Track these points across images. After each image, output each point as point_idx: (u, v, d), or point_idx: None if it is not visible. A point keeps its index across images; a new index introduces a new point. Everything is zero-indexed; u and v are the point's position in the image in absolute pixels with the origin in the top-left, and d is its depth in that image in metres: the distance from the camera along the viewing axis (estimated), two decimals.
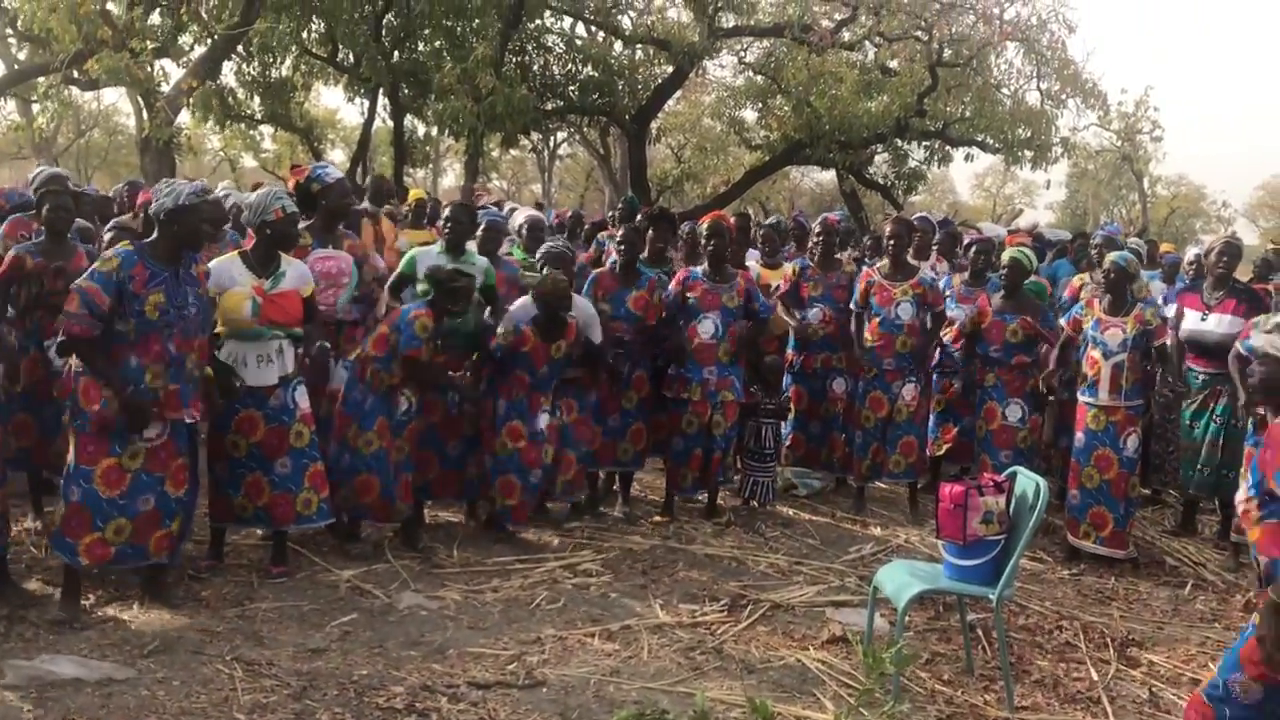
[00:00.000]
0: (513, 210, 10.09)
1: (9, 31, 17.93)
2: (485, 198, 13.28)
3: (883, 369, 7.16)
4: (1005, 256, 7.13)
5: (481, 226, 6.87)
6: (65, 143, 34.40)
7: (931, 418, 7.51)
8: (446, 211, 6.69)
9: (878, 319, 7.14)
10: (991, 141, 19.23)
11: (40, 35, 14.54)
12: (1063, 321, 6.99)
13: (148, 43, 14.80)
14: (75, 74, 15.73)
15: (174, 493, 4.90)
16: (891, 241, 7.22)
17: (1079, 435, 6.67)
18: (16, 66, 19.30)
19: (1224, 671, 3.37)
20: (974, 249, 7.72)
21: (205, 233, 4.73)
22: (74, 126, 33.74)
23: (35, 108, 22.92)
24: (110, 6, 14.40)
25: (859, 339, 7.22)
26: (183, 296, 4.78)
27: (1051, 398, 6.99)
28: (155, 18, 16.03)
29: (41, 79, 17.05)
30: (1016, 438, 6.94)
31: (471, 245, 6.63)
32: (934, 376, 7.54)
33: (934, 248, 8.97)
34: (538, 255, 6.93)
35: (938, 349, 7.46)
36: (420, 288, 6.15)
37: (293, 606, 5.12)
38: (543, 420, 6.28)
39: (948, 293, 7.50)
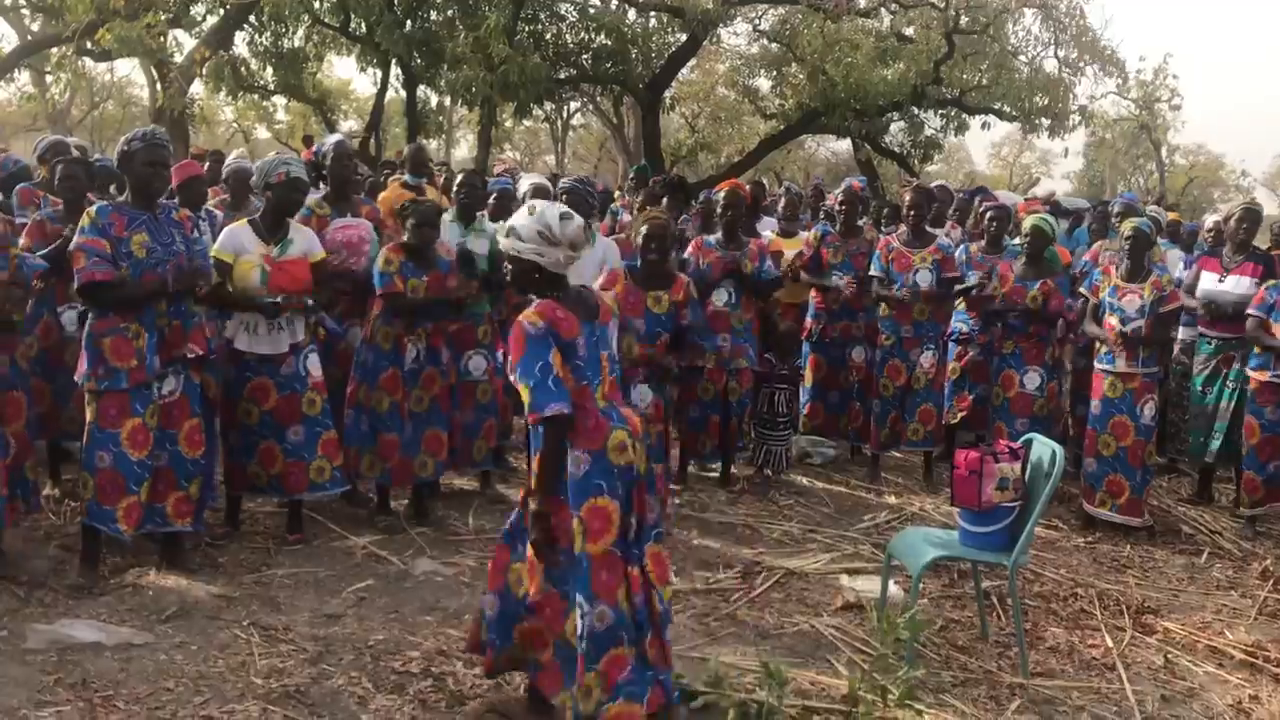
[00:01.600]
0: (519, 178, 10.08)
1: (22, 2, 17.91)
2: (502, 168, 13.23)
3: (900, 336, 7.13)
4: (1026, 224, 7.07)
5: (493, 194, 6.90)
6: (79, 114, 34.43)
7: (947, 385, 7.49)
8: (458, 179, 6.68)
9: (896, 285, 7.11)
10: (1008, 110, 19.06)
11: (53, 5, 14.52)
12: (1083, 289, 6.95)
13: (160, 13, 14.79)
14: (88, 44, 15.72)
15: (189, 454, 4.92)
16: (911, 210, 7.19)
17: (1095, 403, 6.65)
18: (30, 37, 19.29)
19: None
20: (989, 215, 7.66)
21: (150, 173, 4.78)
22: (87, 98, 33.75)
23: (49, 79, 22.96)
24: None
25: (887, 298, 7.16)
26: (168, 235, 4.84)
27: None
28: None
29: (54, 50, 17.07)
30: (1034, 406, 6.91)
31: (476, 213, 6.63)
32: (949, 344, 7.50)
33: (952, 215, 8.92)
34: (560, 190, 6.90)
35: (952, 311, 7.43)
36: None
37: (309, 573, 5.15)
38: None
39: (963, 259, 7.45)
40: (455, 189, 6.59)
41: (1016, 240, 7.41)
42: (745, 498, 6.80)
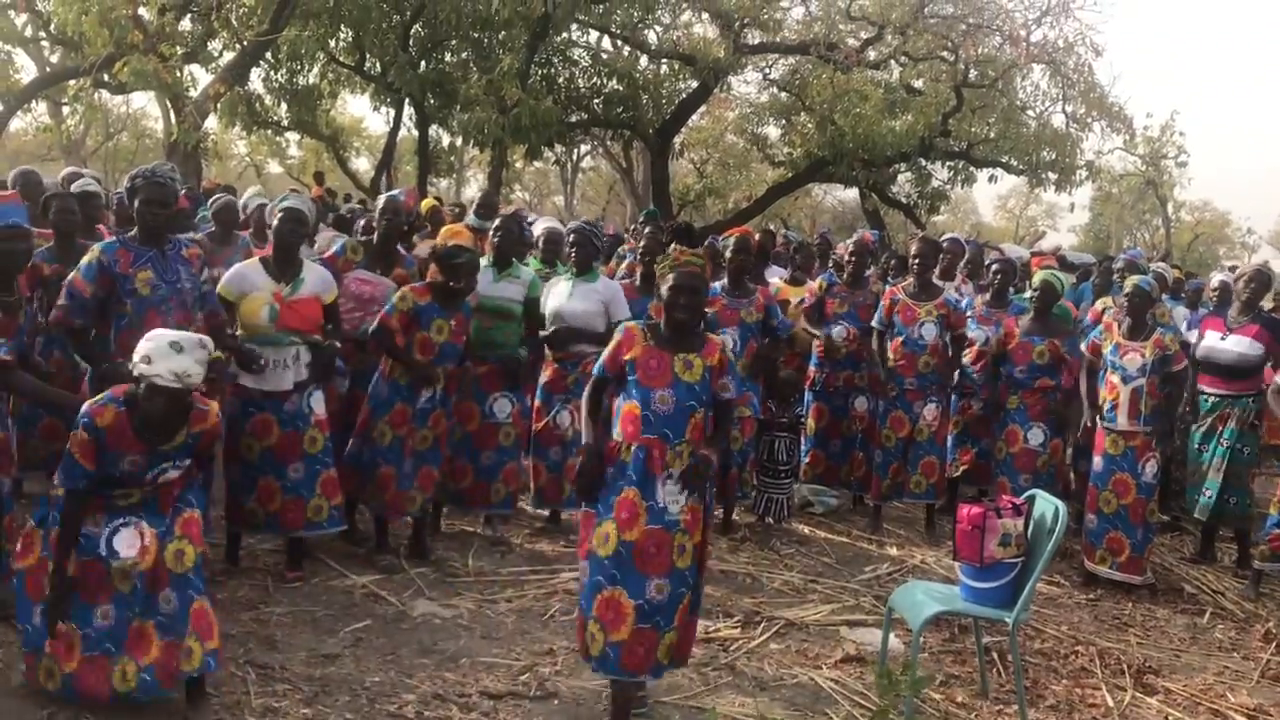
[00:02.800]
0: (532, 221, 10.13)
1: (42, 35, 18.13)
2: (506, 209, 13.31)
3: (904, 388, 7.13)
4: (1036, 279, 7.09)
5: (543, 238, 6.96)
6: (94, 145, 34.71)
7: (949, 439, 7.48)
8: (496, 223, 6.61)
9: (901, 338, 7.12)
10: (1016, 163, 19.19)
11: (72, 38, 14.70)
12: (1083, 346, 6.96)
13: (177, 48, 14.95)
14: (105, 77, 15.88)
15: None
16: (917, 261, 7.21)
17: (1097, 460, 6.64)
18: (48, 69, 19.51)
19: None
20: (994, 269, 7.68)
21: (147, 211, 4.82)
22: (103, 130, 34.02)
23: (65, 110, 23.18)
24: (141, 11, 14.53)
25: (881, 357, 7.19)
26: (174, 273, 4.87)
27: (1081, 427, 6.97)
28: (185, 23, 16.18)
29: (72, 82, 17.24)
30: (1037, 461, 6.90)
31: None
32: (953, 397, 7.51)
33: (964, 268, 8.95)
34: (568, 231, 6.94)
35: (957, 370, 7.43)
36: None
37: (306, 612, 5.13)
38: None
39: (969, 313, 7.47)
40: (492, 233, 6.55)
41: (1026, 294, 7.43)
42: (746, 546, 6.77)
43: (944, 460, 7.35)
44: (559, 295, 6.49)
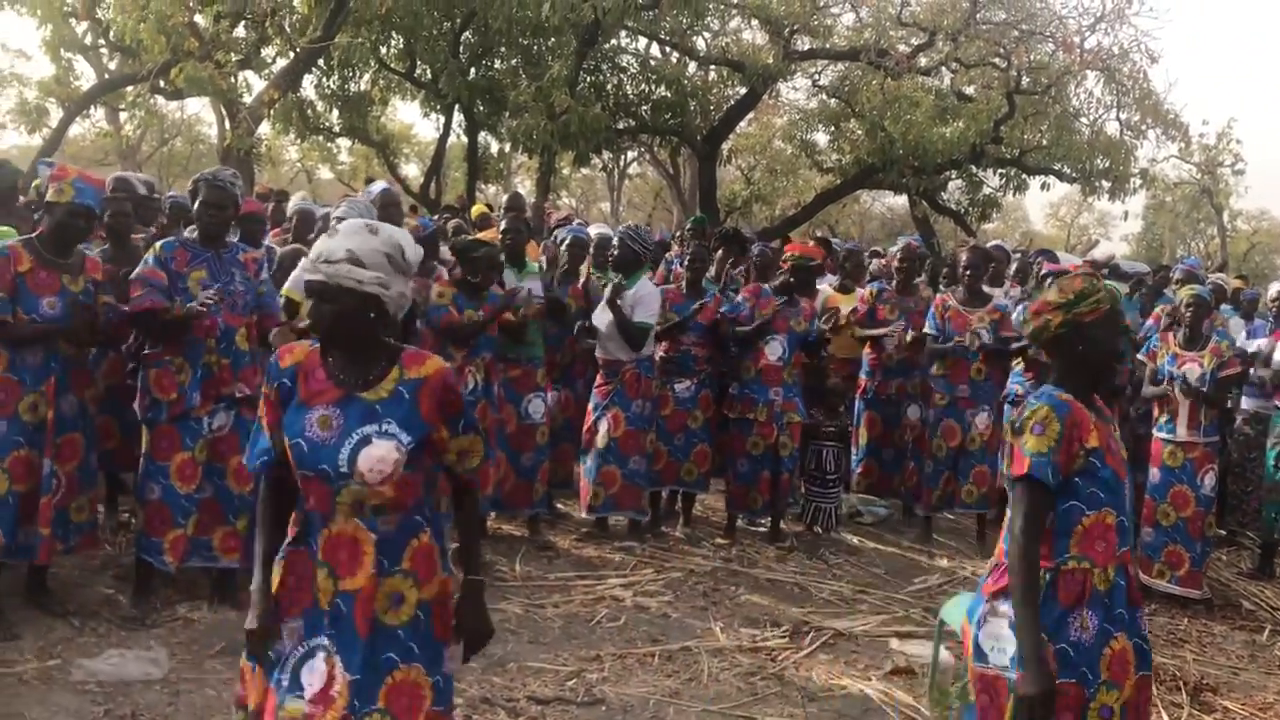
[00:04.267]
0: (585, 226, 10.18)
1: (101, 42, 18.42)
2: (555, 215, 13.36)
3: (955, 397, 7.06)
4: None
5: (564, 243, 7.01)
6: (149, 151, 35.25)
7: (1001, 447, 7.39)
8: (502, 223, 6.78)
9: (953, 344, 7.05)
10: (1069, 171, 18.92)
11: (130, 46, 14.91)
12: (1140, 354, 6.86)
13: (232, 55, 15.13)
14: (161, 84, 16.11)
15: (237, 489, 4.97)
16: (968, 270, 7.14)
17: (1154, 471, 6.53)
18: (107, 76, 19.81)
19: None
20: (1049, 281, 7.57)
21: (206, 213, 4.95)
22: (158, 135, 34.53)
23: (123, 116, 23.55)
24: (197, 19, 14.74)
25: (940, 354, 7.10)
26: (228, 275, 4.95)
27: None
28: (240, 30, 16.37)
29: (130, 88, 17.51)
30: None
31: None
32: (1004, 405, 7.41)
33: (1014, 275, 8.87)
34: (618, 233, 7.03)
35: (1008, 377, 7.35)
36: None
37: None
38: None
39: (1019, 319, 7.37)
40: (501, 233, 6.67)
41: None
42: (794, 555, 6.73)
43: (996, 470, 7.26)
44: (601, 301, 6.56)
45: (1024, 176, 19.69)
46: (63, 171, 4.73)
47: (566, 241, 7.06)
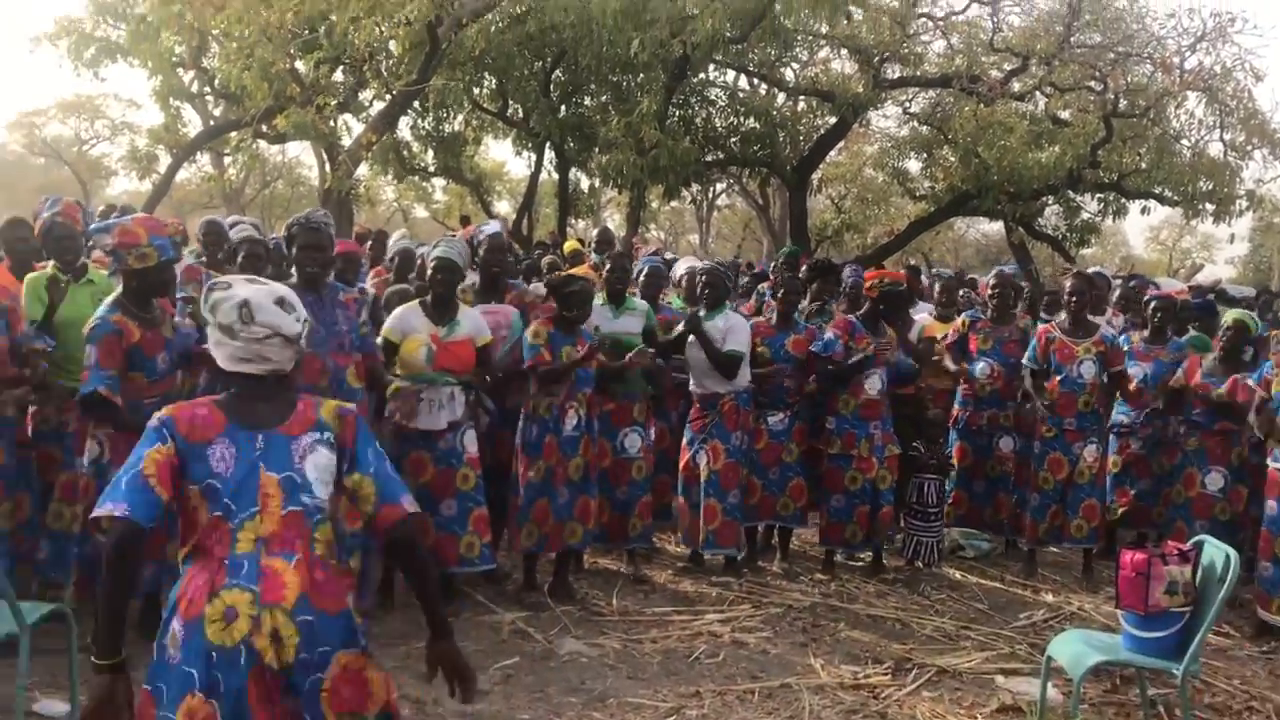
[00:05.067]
0: (674, 260, 10.23)
1: (207, 90, 19.12)
2: (644, 249, 13.44)
3: (1063, 429, 6.90)
4: (1229, 317, 6.79)
5: (642, 272, 7.04)
6: (252, 193, 36.39)
7: (1107, 479, 7.20)
8: (608, 261, 6.80)
9: (1059, 377, 6.90)
10: (1170, 194, 18.46)
11: (235, 93, 15.45)
12: (1251, 381, 6.63)
13: (331, 99, 15.60)
14: (264, 128, 16.67)
15: (350, 526, 5.05)
16: (1073, 298, 6.99)
17: (1271, 503, 6.28)
18: (212, 122, 20.55)
19: None
20: (1153, 306, 7.40)
21: (303, 258, 5.07)
22: (260, 178, 35.65)
23: (227, 160, 24.37)
24: (298, 65, 15.24)
25: (1038, 396, 6.98)
26: (332, 317, 5.04)
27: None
28: (338, 75, 16.89)
29: (234, 134, 18.14)
30: (1214, 508, 6.58)
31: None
32: (1110, 437, 7.24)
33: (1116, 303, 8.68)
34: (699, 272, 7.03)
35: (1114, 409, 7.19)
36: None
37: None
38: None
39: (1126, 349, 7.20)
40: (607, 272, 6.70)
41: (1191, 334, 7.16)
42: (895, 590, 6.63)
43: (1105, 503, 7.08)
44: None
45: (1123, 201, 19.27)
46: (131, 236, 4.60)
47: (644, 272, 7.10)
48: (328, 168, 16.87)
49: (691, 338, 6.50)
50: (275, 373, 2.78)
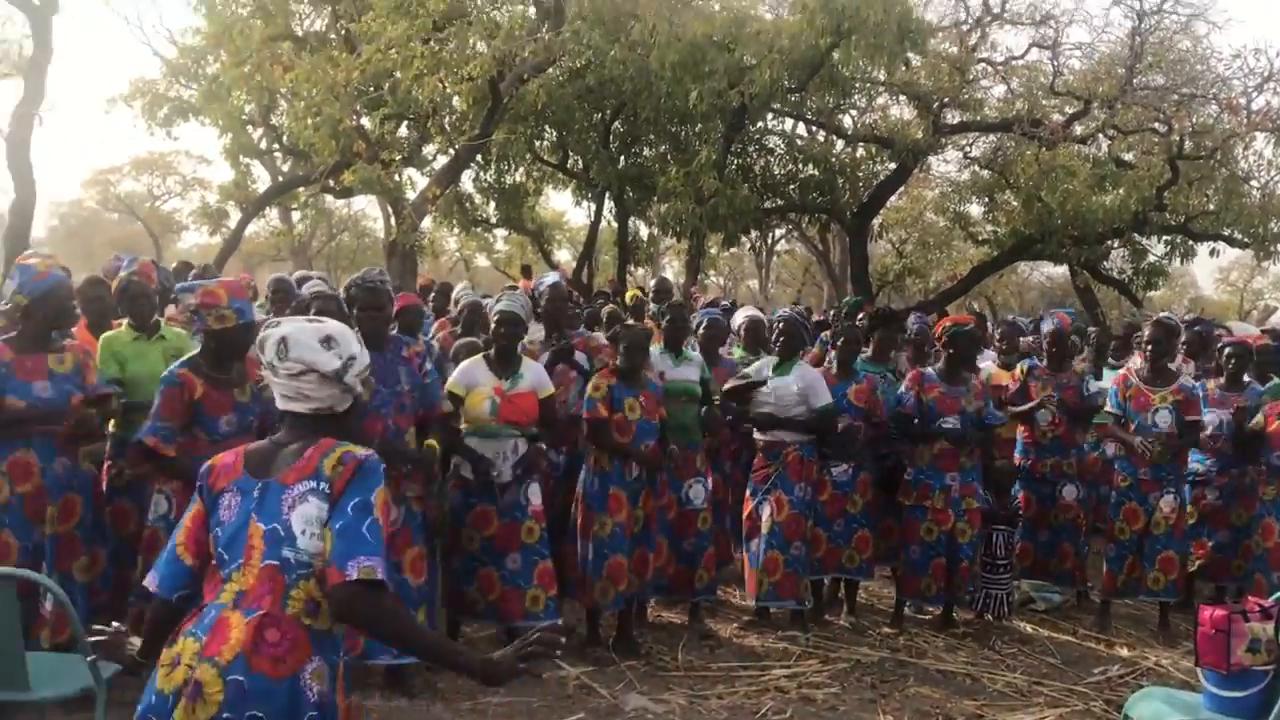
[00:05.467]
0: (729, 306, 10.24)
1: (276, 147, 19.60)
2: (702, 298, 13.47)
3: (1138, 478, 6.75)
4: None
5: (701, 325, 7.06)
6: (318, 246, 37.08)
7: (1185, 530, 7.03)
8: (667, 310, 6.83)
9: (1133, 425, 6.77)
10: (1239, 236, 18.12)
11: (303, 149, 15.82)
12: None
13: (396, 154, 15.93)
14: (331, 184, 17.04)
15: (414, 580, 5.09)
16: (1150, 346, 6.86)
17: None
18: (280, 178, 21.05)
19: None
20: (1228, 352, 7.24)
21: (364, 317, 5.09)
22: (326, 231, 36.33)
23: (295, 215, 24.89)
24: (364, 122, 15.58)
25: (1125, 442, 6.83)
26: (395, 375, 5.06)
27: None
28: (403, 130, 17.24)
29: (302, 189, 18.58)
30: None
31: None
32: (1186, 486, 7.07)
33: (1181, 348, 8.49)
34: (776, 320, 6.99)
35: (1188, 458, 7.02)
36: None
37: (523, 702, 5.20)
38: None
39: (1201, 395, 7.05)
40: (666, 321, 6.72)
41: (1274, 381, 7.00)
42: (965, 644, 6.51)
43: (1185, 555, 6.88)
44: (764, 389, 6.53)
45: (1191, 243, 18.94)
46: (213, 297, 4.66)
47: (703, 325, 7.11)
48: (393, 221, 17.17)
49: (768, 389, 6.46)
50: (321, 412, 2.73)
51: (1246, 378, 7.16)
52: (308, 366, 2.69)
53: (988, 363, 8.08)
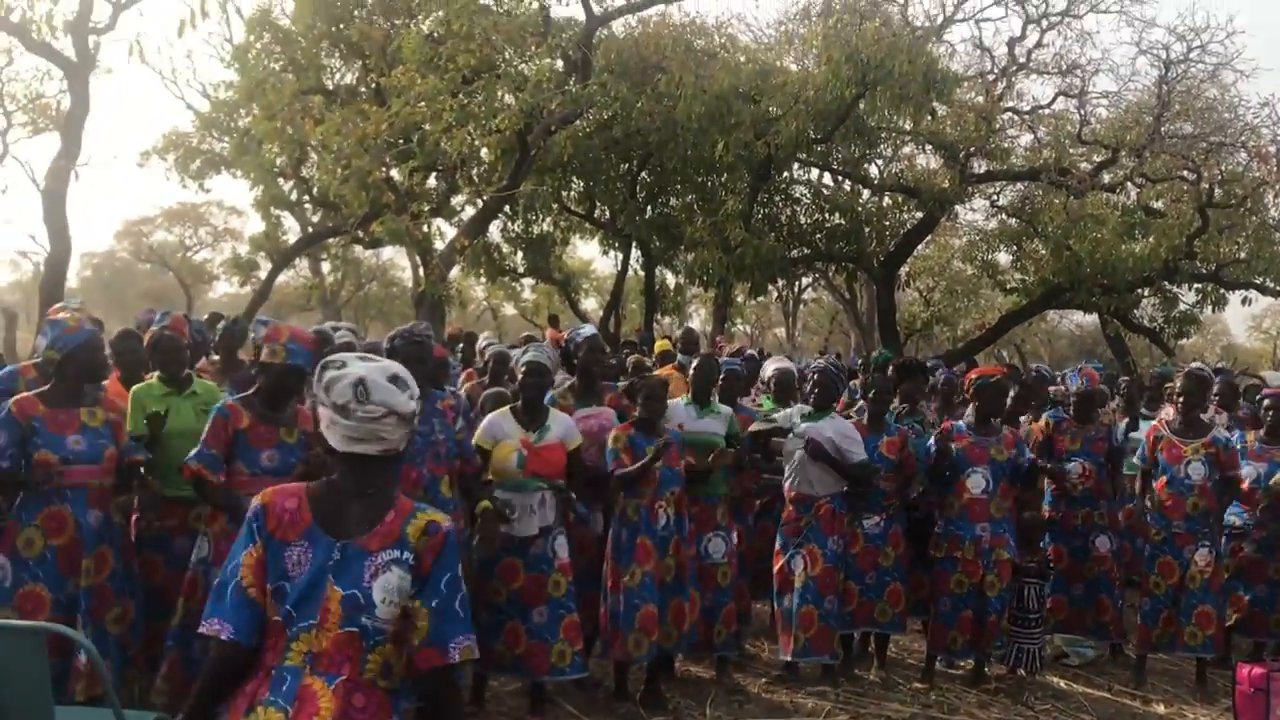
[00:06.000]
0: (752, 357, 10.20)
1: (306, 199, 19.85)
2: (728, 348, 13.47)
3: (1172, 532, 6.65)
4: None
5: (720, 376, 7.03)
6: (347, 295, 37.41)
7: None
8: (695, 362, 6.80)
9: (1165, 478, 6.68)
10: (1271, 284, 18.02)
11: (333, 201, 16.02)
12: None
13: (424, 205, 16.09)
14: (360, 234, 17.22)
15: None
16: (1182, 397, 6.79)
17: None
18: (310, 229, 21.28)
19: None
20: (1268, 404, 7.14)
21: (413, 371, 5.07)
22: (355, 281, 36.67)
23: (324, 266, 25.15)
24: (393, 173, 15.77)
25: (1147, 497, 6.75)
26: (428, 425, 5.09)
27: None
28: (431, 181, 17.43)
29: (331, 240, 18.77)
30: None
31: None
32: (1223, 539, 6.96)
33: (1213, 398, 8.41)
34: (811, 371, 6.95)
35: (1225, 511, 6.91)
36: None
37: None
38: None
39: (1240, 447, 6.94)
40: (693, 372, 6.70)
41: None
42: (998, 700, 6.40)
43: (1221, 609, 6.75)
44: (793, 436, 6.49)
45: (1222, 291, 18.83)
46: (276, 332, 4.92)
47: (721, 375, 7.07)
48: (421, 271, 17.31)
49: (798, 432, 6.43)
50: (390, 453, 2.69)
51: None
52: (390, 409, 2.65)
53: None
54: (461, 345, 11.09)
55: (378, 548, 2.59)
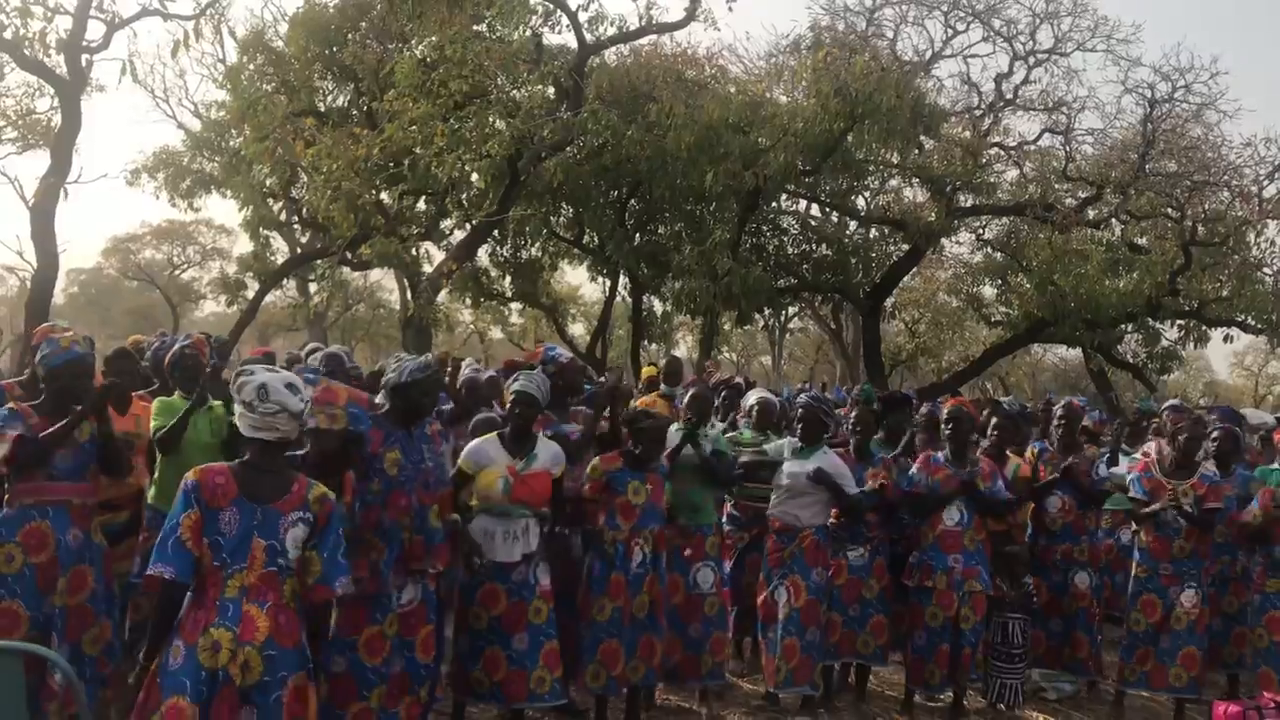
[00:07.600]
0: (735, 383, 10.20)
1: (295, 219, 19.81)
2: (716, 374, 13.48)
3: (1158, 571, 6.66)
4: None
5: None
6: (334, 316, 37.35)
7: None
8: (689, 393, 6.80)
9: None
10: (1253, 322, 18.15)
11: (322, 222, 15.99)
12: None
13: (414, 228, 16.10)
14: (349, 256, 17.19)
15: (423, 659, 5.04)
16: (1187, 440, 6.69)
17: None
18: (299, 250, 21.23)
19: None
20: (1215, 435, 7.18)
21: (426, 404, 5.10)
22: (342, 301, 36.61)
23: (312, 287, 25.09)
24: (383, 196, 15.79)
25: (1153, 522, 6.72)
26: (419, 453, 5.04)
27: None
28: (421, 205, 17.44)
29: (320, 261, 18.74)
30: None
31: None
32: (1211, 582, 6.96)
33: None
34: (797, 405, 6.95)
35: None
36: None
37: None
38: None
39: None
40: (687, 403, 6.70)
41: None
42: None
43: (1206, 651, 6.74)
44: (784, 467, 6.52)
45: (1205, 328, 18.97)
46: (332, 394, 4.76)
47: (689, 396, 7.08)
48: (409, 294, 17.31)
49: (784, 471, 6.46)
50: (283, 439, 3.81)
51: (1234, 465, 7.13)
52: (282, 407, 3.72)
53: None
54: (448, 371, 11.03)
55: (289, 510, 3.73)
